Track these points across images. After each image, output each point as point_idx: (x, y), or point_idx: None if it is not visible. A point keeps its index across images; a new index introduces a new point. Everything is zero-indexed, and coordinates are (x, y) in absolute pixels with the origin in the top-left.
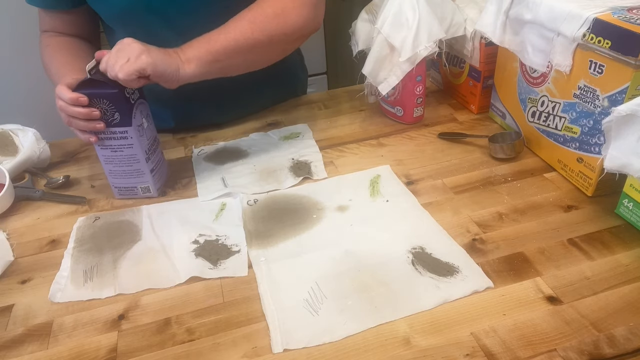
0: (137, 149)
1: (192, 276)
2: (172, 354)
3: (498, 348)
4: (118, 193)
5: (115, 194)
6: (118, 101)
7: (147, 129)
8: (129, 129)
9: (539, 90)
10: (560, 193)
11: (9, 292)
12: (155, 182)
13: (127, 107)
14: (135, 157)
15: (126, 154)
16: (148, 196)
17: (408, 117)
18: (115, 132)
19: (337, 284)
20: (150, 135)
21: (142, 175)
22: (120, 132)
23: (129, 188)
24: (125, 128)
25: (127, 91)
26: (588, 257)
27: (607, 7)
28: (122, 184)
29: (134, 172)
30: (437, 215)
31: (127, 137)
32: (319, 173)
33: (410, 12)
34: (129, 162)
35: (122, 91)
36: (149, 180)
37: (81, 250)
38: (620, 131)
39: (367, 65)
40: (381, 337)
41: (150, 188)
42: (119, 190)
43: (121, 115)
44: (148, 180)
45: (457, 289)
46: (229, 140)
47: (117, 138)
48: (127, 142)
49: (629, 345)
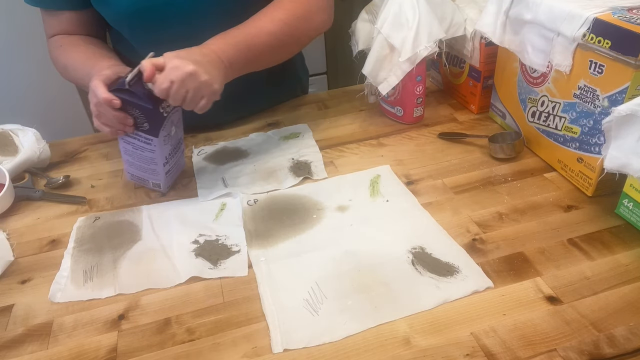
0: (157, 155)
1: (192, 276)
2: (172, 354)
3: (498, 348)
4: (130, 177)
5: (127, 177)
6: (151, 115)
7: (173, 135)
8: (154, 139)
9: (539, 90)
10: (560, 193)
11: (9, 292)
12: (167, 181)
13: (159, 121)
14: (154, 161)
15: (146, 156)
16: (156, 190)
17: (408, 117)
18: (140, 135)
19: (337, 284)
20: (175, 141)
21: (156, 175)
22: (146, 138)
23: (142, 179)
24: (151, 137)
25: (162, 105)
26: (588, 257)
27: (607, 7)
28: (136, 173)
29: (149, 169)
30: (437, 215)
31: (150, 144)
32: (319, 173)
33: (410, 12)
34: (146, 162)
35: (157, 107)
36: (162, 179)
37: (81, 250)
38: (620, 131)
39: (367, 65)
40: (381, 337)
41: (161, 185)
42: (131, 176)
43: (150, 126)
44: (161, 179)
45: (457, 289)
46: (229, 140)
47: (141, 141)
48: (149, 147)
49: (629, 345)
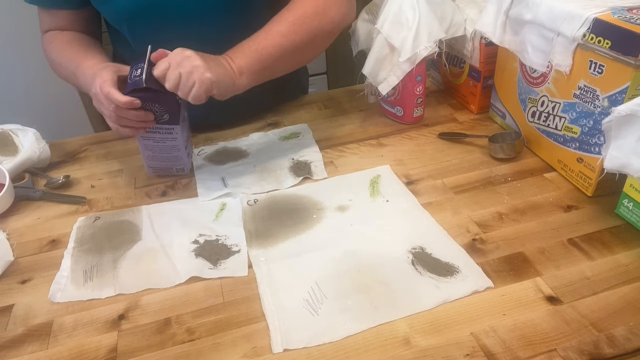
0: (179, 141)
1: (192, 276)
2: (172, 354)
3: (498, 348)
4: (152, 172)
5: (149, 172)
6: (169, 104)
7: (186, 119)
8: (175, 127)
9: (539, 90)
10: (560, 193)
11: (9, 292)
12: (189, 162)
13: (177, 108)
14: (176, 148)
15: (168, 145)
16: (180, 174)
17: (408, 117)
18: (161, 127)
19: (337, 284)
20: (187, 124)
21: (179, 160)
22: (167, 128)
23: (165, 168)
24: (172, 126)
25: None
26: (588, 257)
27: (607, 7)
28: (159, 165)
29: (172, 157)
30: (437, 215)
31: (172, 133)
32: (319, 173)
33: (410, 12)
34: (169, 152)
35: (174, 96)
36: (186, 162)
37: (81, 250)
38: (620, 131)
39: (367, 65)
40: (381, 337)
41: (185, 168)
42: (153, 169)
43: (170, 115)
44: (184, 163)
45: (457, 289)
46: (229, 140)
47: (163, 133)
48: (171, 136)
49: (629, 345)
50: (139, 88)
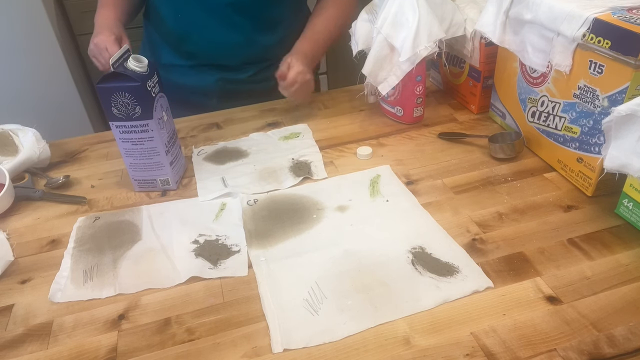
0: (157, 142)
1: (192, 276)
2: (172, 354)
3: (498, 348)
4: (138, 186)
5: (135, 187)
6: (140, 94)
7: (166, 122)
8: (150, 122)
9: (539, 90)
10: (560, 193)
11: (9, 292)
12: (174, 174)
13: (149, 100)
14: (155, 150)
15: (147, 147)
16: (167, 189)
17: (408, 117)
18: (136, 125)
19: (337, 284)
20: (170, 129)
21: (161, 168)
22: (142, 125)
23: (149, 181)
24: (146, 121)
25: (149, 84)
26: (588, 257)
27: (607, 7)
28: (142, 176)
29: (154, 165)
30: (437, 215)
31: (147, 130)
32: (319, 173)
33: (410, 12)
34: (149, 155)
35: (144, 84)
36: (169, 172)
37: (81, 250)
38: (620, 131)
39: (367, 65)
40: (381, 337)
41: (170, 181)
42: (138, 183)
43: (142, 109)
44: (167, 173)
45: (457, 289)
46: (229, 140)
47: (138, 131)
48: (147, 135)
49: (629, 345)
50: (110, 74)
